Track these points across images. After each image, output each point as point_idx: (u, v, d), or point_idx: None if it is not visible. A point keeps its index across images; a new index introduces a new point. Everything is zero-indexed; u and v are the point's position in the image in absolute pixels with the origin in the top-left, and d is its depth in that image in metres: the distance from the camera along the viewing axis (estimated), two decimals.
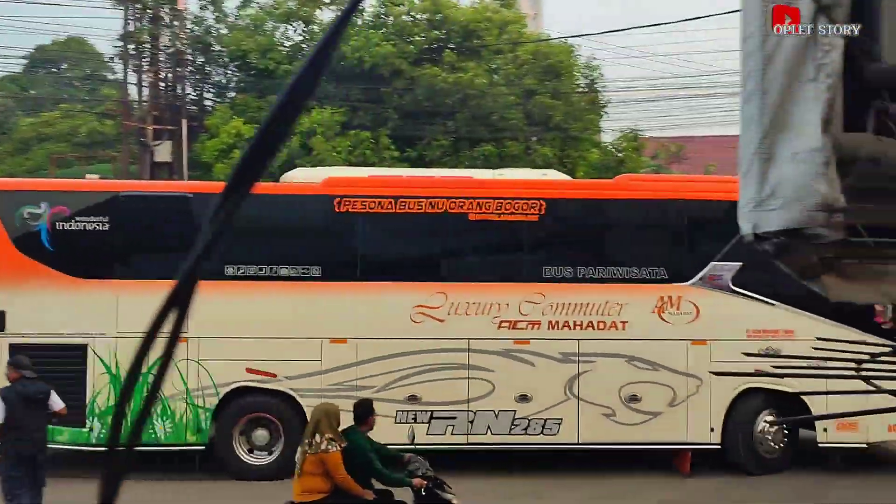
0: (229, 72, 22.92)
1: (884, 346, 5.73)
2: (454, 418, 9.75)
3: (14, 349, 9.12)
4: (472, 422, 9.75)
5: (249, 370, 9.64)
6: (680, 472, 10.01)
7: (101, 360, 9.55)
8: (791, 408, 9.91)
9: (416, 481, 6.58)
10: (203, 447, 9.70)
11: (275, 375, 9.63)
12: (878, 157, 2.29)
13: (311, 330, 9.66)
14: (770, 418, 9.97)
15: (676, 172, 19.84)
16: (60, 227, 9.63)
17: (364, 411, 6.97)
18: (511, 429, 9.78)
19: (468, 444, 9.80)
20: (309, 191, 9.98)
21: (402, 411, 9.69)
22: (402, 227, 9.97)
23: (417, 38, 20.68)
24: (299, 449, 6.67)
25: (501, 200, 9.81)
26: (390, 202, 9.77)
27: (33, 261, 9.58)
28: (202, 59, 22.74)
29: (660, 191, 10.28)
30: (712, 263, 9.81)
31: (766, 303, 9.83)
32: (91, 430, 9.53)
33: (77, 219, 9.65)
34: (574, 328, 9.79)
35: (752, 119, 2.34)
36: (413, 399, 9.70)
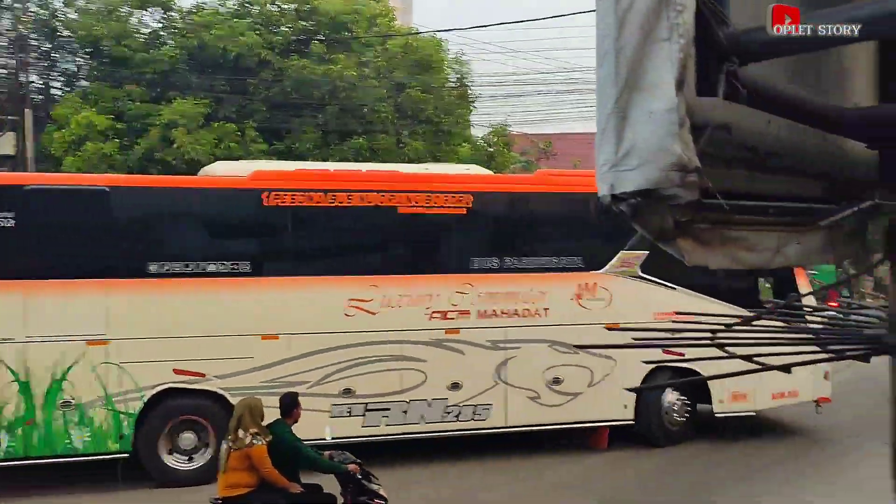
0: (80, 59, 21.42)
1: (737, 316, 6.44)
2: (388, 409, 9.84)
3: None
4: (405, 412, 9.89)
5: (177, 371, 9.22)
6: (597, 448, 10.70)
7: (9, 368, 8.77)
8: (692, 384, 10.86)
9: (352, 466, 6.67)
10: (126, 455, 9.16)
11: (204, 375, 9.28)
12: (729, 123, 2.37)
13: (241, 327, 9.39)
14: (674, 394, 10.88)
15: (545, 168, 20.74)
16: None
17: (290, 403, 6.91)
18: (444, 416, 10.02)
19: (403, 434, 9.93)
20: (235, 184, 9.69)
21: (337, 405, 9.66)
22: (333, 221, 9.92)
23: (284, 28, 20.28)
24: (223, 445, 6.61)
25: (430, 194, 10.01)
26: (320, 196, 9.70)
27: None
28: (48, 45, 21.12)
29: (575, 185, 10.89)
30: (622, 252, 10.56)
31: (669, 287, 10.70)
32: None
33: None
34: (501, 316, 10.19)
35: (607, 79, 2.34)
36: (348, 392, 9.69)
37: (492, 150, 21.19)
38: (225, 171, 10.36)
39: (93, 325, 8.99)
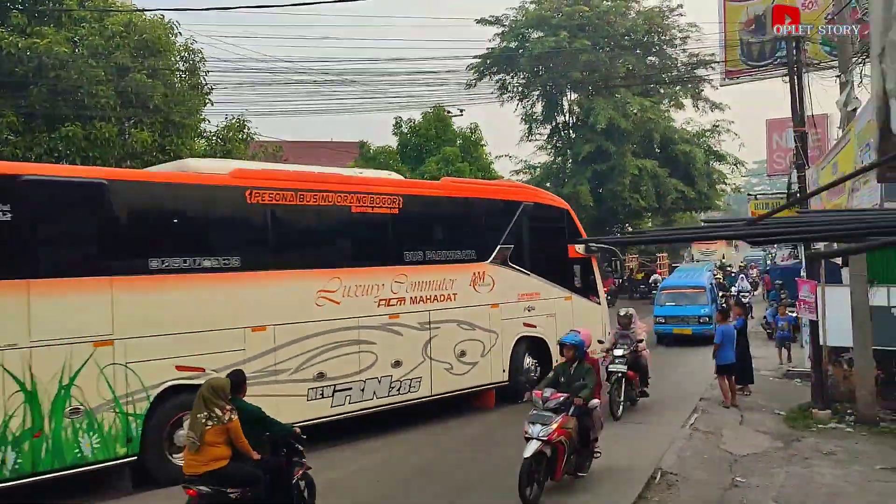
0: None
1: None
2: (350, 389, 10.89)
3: None
4: (363, 390, 11.04)
5: (179, 367, 9.14)
6: (485, 407, 13.02)
7: (13, 376, 7.90)
8: (540, 347, 13.83)
9: (296, 429, 7.62)
10: (135, 458, 8.78)
11: (203, 370, 9.31)
12: None
13: (235, 320, 9.65)
14: (529, 358, 13.72)
15: None
16: None
17: (241, 380, 7.42)
18: (389, 391, 11.39)
19: (361, 409, 11.04)
20: (219, 181, 9.81)
21: (313, 389, 10.44)
22: (303, 218, 10.61)
23: None
24: (193, 423, 6.87)
25: (374, 196, 11.33)
26: (292, 195, 10.37)
27: None
28: None
29: (470, 191, 13.11)
30: (499, 246, 13.10)
31: (526, 274, 13.56)
32: (4, 462, 7.82)
33: None
34: (426, 302, 11.92)
35: None
36: (321, 376, 10.52)
37: (229, 146, 20.17)
38: (204, 167, 10.27)
39: (99, 325, 8.53)
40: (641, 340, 13.06)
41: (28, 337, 8.03)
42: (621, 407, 12.23)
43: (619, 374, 12.32)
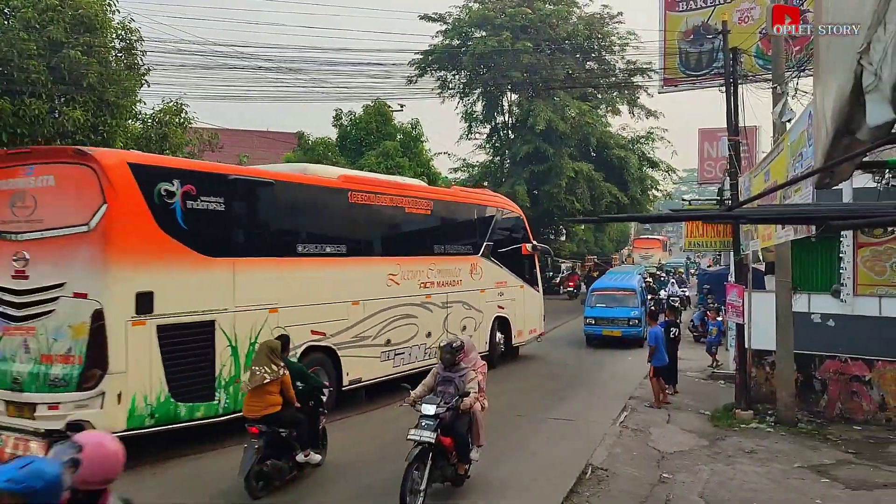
0: None
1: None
2: (403, 353, 13.65)
3: (160, 331, 9.15)
4: (410, 354, 13.84)
5: (313, 332, 11.47)
6: None
7: (225, 334, 9.97)
8: (505, 326, 17.26)
9: (325, 383, 10.41)
10: None
11: (324, 334, 11.72)
12: None
13: (342, 295, 12.11)
14: (499, 333, 17.10)
15: (210, 160, 21.65)
16: (190, 206, 9.56)
17: (286, 342, 9.22)
18: (423, 357, 14.26)
19: (408, 371, 13.79)
20: (334, 184, 12.19)
21: (384, 352, 13.09)
22: (380, 216, 13.18)
23: None
24: (252, 374, 8.29)
25: (418, 199, 14.16)
26: (373, 196, 12.97)
27: (172, 239, 9.33)
28: None
29: (472, 198, 16.17)
30: (485, 243, 16.38)
31: (500, 266, 16.96)
32: (218, 402, 9.88)
33: (202, 198, 9.72)
34: (445, 285, 14.91)
35: None
36: (388, 342, 13.19)
37: (165, 129, 19.50)
38: (319, 171, 12.53)
39: (271, 296, 10.74)
40: (468, 393, 8.13)
41: (234, 303, 10.13)
42: (422, 497, 7.59)
43: (424, 446, 7.72)
